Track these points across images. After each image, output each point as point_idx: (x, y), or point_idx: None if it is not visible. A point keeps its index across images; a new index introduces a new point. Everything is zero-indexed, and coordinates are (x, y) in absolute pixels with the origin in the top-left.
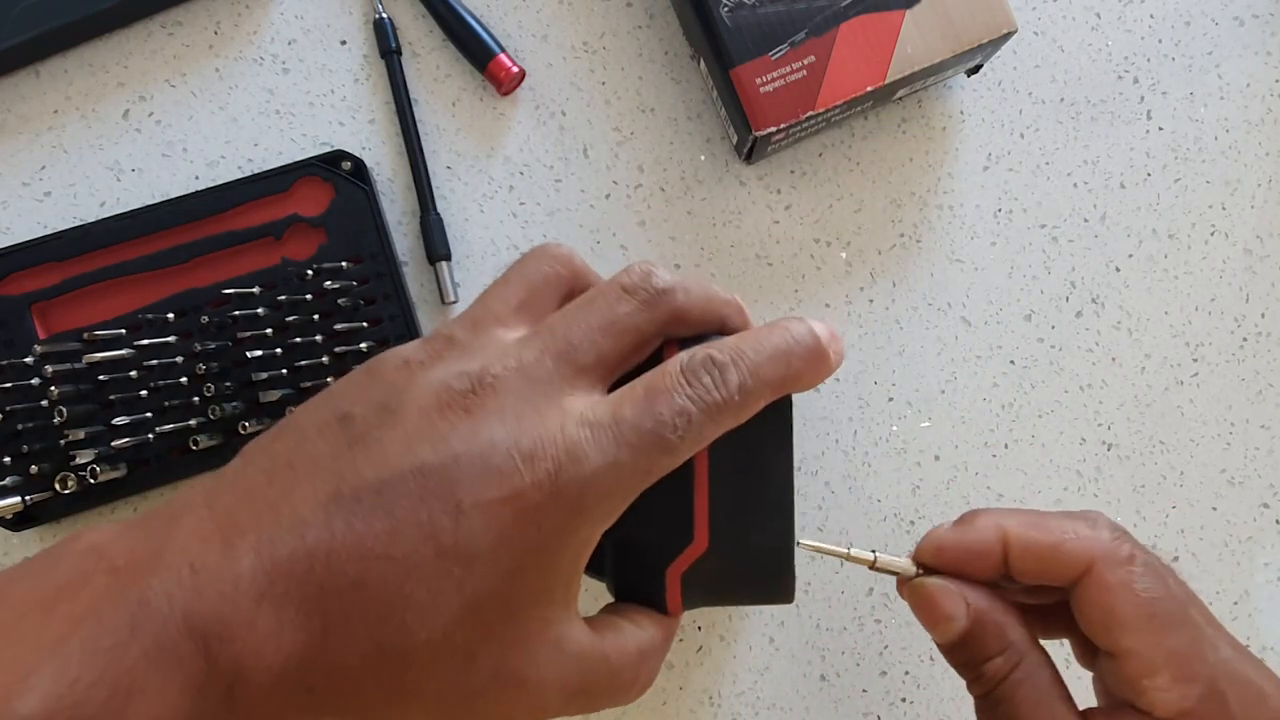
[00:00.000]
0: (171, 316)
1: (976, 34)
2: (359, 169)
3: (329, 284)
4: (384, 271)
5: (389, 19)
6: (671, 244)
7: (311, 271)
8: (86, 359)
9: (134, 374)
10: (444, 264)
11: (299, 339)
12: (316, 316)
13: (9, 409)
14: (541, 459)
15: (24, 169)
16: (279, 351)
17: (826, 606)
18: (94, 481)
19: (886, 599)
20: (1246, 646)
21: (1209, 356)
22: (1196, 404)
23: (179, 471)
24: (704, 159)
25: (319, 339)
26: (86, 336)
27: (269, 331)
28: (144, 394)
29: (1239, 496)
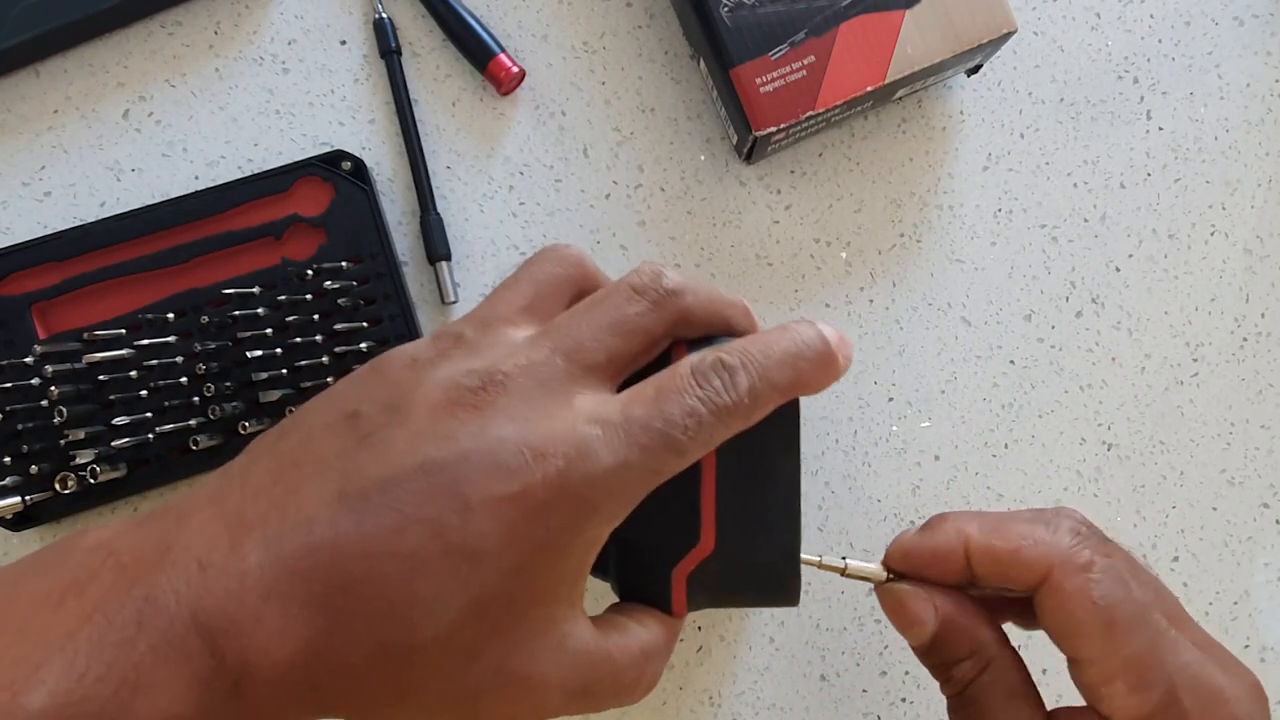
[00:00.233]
0: (171, 316)
1: (976, 34)
2: (359, 169)
3: (329, 284)
4: (384, 271)
5: (389, 19)
6: (671, 244)
7: (311, 271)
8: (86, 359)
9: (134, 374)
10: (444, 264)
11: (299, 339)
12: (316, 316)
13: (9, 409)
14: (551, 456)
15: (24, 169)
16: (279, 351)
17: (826, 607)
18: (94, 481)
19: None
20: (1247, 646)
21: (1209, 356)
22: (1196, 404)
23: (179, 471)
24: (704, 159)
25: (319, 339)
26: (86, 336)
27: (269, 331)
28: (144, 394)
29: (1239, 496)
